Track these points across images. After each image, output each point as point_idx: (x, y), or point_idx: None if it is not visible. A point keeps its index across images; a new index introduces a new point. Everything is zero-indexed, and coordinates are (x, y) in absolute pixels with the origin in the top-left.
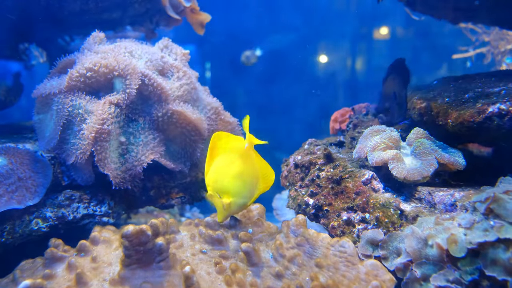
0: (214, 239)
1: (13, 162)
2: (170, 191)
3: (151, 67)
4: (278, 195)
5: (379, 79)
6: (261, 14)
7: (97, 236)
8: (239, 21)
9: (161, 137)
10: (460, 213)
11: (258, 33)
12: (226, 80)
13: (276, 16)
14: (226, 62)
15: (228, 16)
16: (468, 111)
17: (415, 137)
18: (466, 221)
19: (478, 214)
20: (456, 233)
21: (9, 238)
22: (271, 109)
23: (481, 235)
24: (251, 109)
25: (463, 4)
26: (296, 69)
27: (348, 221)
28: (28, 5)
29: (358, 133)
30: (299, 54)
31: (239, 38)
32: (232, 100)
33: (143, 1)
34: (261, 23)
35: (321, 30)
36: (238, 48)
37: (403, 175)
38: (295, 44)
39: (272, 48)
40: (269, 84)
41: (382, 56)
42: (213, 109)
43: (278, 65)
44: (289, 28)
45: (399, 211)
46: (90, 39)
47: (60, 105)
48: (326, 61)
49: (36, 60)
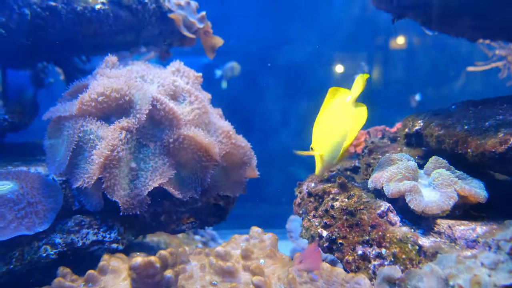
0: (224, 271)
1: (23, 186)
2: (181, 216)
3: (163, 91)
4: (292, 217)
5: (396, 91)
6: (276, 28)
7: (106, 266)
8: (253, 35)
9: (172, 162)
10: (483, 251)
11: (273, 47)
12: (240, 93)
13: (290, 30)
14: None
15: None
16: (489, 141)
17: (434, 166)
18: (490, 261)
19: (502, 253)
20: (480, 273)
21: (18, 264)
22: (286, 124)
23: (507, 277)
24: (266, 123)
25: (481, 23)
26: (311, 84)
27: (363, 256)
28: (44, 29)
29: (373, 159)
30: (315, 68)
31: (254, 52)
32: (246, 115)
33: (156, 23)
34: (276, 37)
35: (337, 43)
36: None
37: (421, 208)
38: (310, 57)
39: (287, 62)
40: (284, 99)
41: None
42: (224, 133)
43: (293, 79)
44: (304, 41)
45: (417, 246)
46: (102, 63)
47: (71, 130)
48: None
49: (54, 78)
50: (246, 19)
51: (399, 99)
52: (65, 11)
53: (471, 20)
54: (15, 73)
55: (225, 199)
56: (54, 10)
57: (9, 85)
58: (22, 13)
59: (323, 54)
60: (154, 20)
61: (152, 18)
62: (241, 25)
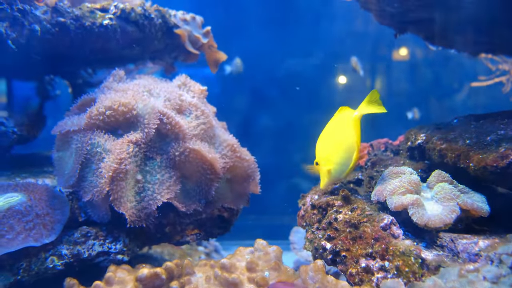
0: (229, 283)
1: (32, 198)
2: (185, 228)
3: (169, 105)
4: (295, 228)
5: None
6: (278, 38)
7: (112, 277)
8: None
9: (178, 175)
10: (486, 265)
11: (276, 58)
12: (244, 104)
13: (293, 41)
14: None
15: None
16: (491, 155)
17: (436, 180)
18: (492, 275)
19: (504, 267)
20: (481, 287)
21: (25, 275)
22: (289, 136)
23: None
24: (269, 134)
25: (484, 39)
26: (315, 96)
27: (366, 269)
28: (53, 44)
29: (376, 172)
30: (318, 79)
31: (257, 63)
32: (249, 125)
33: (162, 37)
34: (279, 48)
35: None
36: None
37: (423, 221)
38: (314, 69)
39: (290, 72)
40: (287, 111)
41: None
42: (229, 146)
43: (297, 91)
44: (308, 54)
45: (420, 259)
46: (110, 77)
47: (79, 143)
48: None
49: (60, 91)
50: (250, 32)
51: (401, 112)
52: (74, 26)
53: (473, 35)
54: (22, 86)
55: (229, 210)
56: (63, 26)
57: (17, 98)
58: (32, 29)
59: (327, 66)
60: (160, 35)
61: (158, 33)
62: (245, 38)
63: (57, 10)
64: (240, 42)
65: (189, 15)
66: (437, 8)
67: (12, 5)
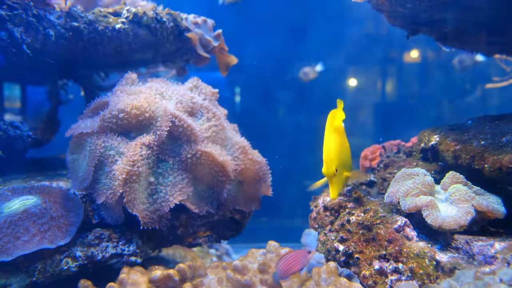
0: (242, 284)
1: (46, 201)
2: (197, 230)
3: (181, 108)
4: (307, 230)
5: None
6: (291, 41)
7: (125, 278)
8: (269, 49)
9: (190, 177)
10: (502, 268)
11: (288, 61)
12: (255, 106)
13: (305, 43)
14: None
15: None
16: (506, 156)
17: (451, 181)
18: (509, 277)
19: None
20: None
21: (40, 277)
22: (300, 138)
23: None
24: (280, 137)
25: (497, 39)
26: (325, 98)
27: (380, 271)
28: (67, 48)
29: (389, 174)
30: (329, 82)
31: (268, 66)
32: (260, 128)
33: (174, 41)
34: (291, 51)
35: (350, 57)
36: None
37: (438, 223)
38: (324, 72)
39: None
40: (298, 113)
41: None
42: (241, 148)
43: (307, 94)
44: (319, 55)
45: (435, 262)
46: (123, 80)
47: (93, 146)
48: (355, 87)
49: (73, 94)
50: (262, 35)
51: (414, 113)
52: (87, 31)
53: (487, 36)
54: (36, 90)
55: (241, 213)
56: (77, 30)
57: (31, 102)
58: (47, 34)
59: (337, 68)
60: (172, 38)
61: (170, 36)
62: (257, 41)
63: (71, 15)
64: (252, 45)
65: (200, 18)
66: (450, 9)
67: (27, 11)
